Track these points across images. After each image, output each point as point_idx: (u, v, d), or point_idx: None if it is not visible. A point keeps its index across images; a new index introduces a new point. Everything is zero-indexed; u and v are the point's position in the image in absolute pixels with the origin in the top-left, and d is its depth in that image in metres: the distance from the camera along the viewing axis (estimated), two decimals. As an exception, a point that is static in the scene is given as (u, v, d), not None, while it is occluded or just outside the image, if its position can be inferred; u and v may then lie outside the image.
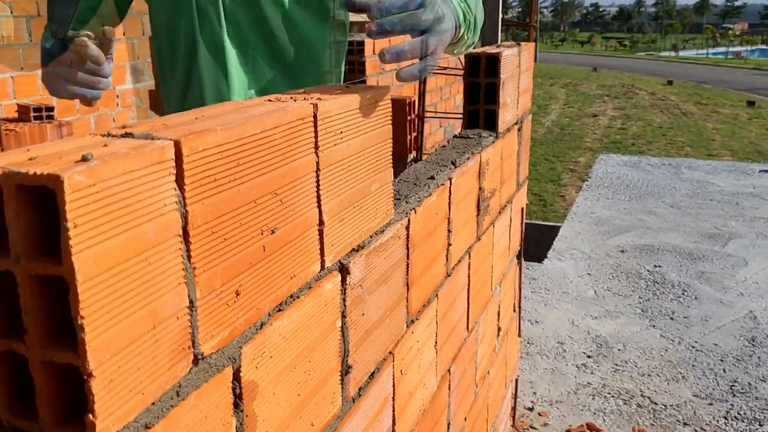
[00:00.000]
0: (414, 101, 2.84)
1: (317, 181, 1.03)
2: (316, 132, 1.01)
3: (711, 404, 3.18)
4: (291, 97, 1.06)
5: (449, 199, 1.73)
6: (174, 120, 0.85)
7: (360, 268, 1.21)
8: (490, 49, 2.19)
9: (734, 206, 6.17)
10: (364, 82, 4.95)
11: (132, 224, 0.67)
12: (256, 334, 0.90)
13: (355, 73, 4.98)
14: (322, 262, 1.06)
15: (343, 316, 1.16)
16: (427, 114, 3.96)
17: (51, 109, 5.27)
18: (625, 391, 3.27)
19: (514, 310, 2.80)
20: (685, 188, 6.70)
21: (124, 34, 7.32)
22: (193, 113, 0.90)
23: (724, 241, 5.31)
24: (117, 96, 7.25)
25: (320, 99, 1.05)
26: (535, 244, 5.85)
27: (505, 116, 2.27)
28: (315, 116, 1.01)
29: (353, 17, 1.99)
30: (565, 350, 3.66)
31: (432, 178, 1.63)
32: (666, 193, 6.52)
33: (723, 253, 5.04)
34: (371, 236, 1.25)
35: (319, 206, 1.04)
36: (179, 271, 0.75)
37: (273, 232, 0.91)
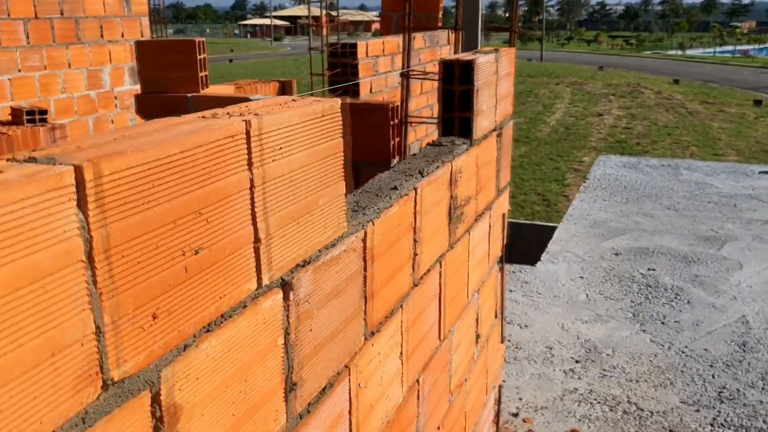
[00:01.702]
0: (396, 106, 2.82)
1: (252, 199, 1.01)
2: (249, 149, 0.99)
3: (698, 411, 3.15)
4: (227, 113, 1.05)
5: (415, 208, 1.72)
6: (91, 141, 0.83)
7: (307, 284, 1.19)
8: (464, 56, 2.17)
9: (732, 208, 6.13)
10: (356, 84, 4.94)
11: (24, 253, 0.66)
12: (179, 356, 0.89)
13: (347, 76, 4.97)
14: (259, 279, 1.05)
15: (287, 333, 1.15)
16: (411, 119, 3.94)
17: (44, 112, 5.27)
18: (611, 397, 3.25)
19: (496, 316, 2.78)
20: (683, 190, 6.66)
21: (123, 36, 7.34)
22: (119, 132, 0.88)
23: (720, 243, 5.27)
24: (115, 97, 7.27)
25: (257, 115, 1.04)
26: (536, 245, 5.83)
27: (482, 123, 2.25)
28: (248, 133, 0.99)
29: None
30: (553, 355, 3.64)
31: (395, 188, 1.61)
32: (664, 195, 6.48)
33: (718, 256, 5.01)
34: (320, 251, 1.23)
35: (255, 223, 1.02)
36: (83, 297, 0.73)
37: (197, 252, 0.90)
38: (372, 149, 2.89)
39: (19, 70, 6.44)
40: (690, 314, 4.11)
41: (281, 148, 1.08)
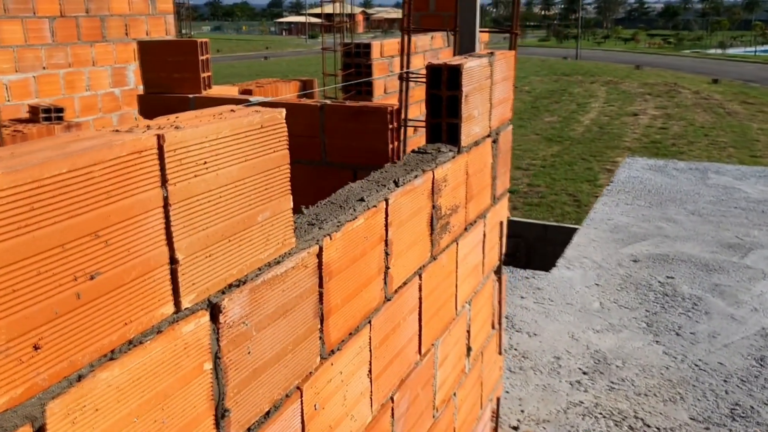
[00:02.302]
0: (395, 109, 2.75)
1: (167, 217, 0.95)
2: (162, 164, 0.94)
3: (707, 429, 3.04)
4: (147, 125, 0.99)
5: (386, 220, 1.65)
6: (-28, 158, 0.78)
7: (241, 305, 1.13)
8: (453, 60, 2.10)
9: (759, 214, 5.94)
10: (370, 84, 4.87)
11: None
12: (71, 387, 0.83)
13: (361, 76, 4.91)
14: (177, 302, 0.99)
15: (217, 357, 1.09)
16: (411, 123, 3.87)
17: (60, 110, 5.30)
18: (618, 412, 3.14)
19: (493, 327, 2.70)
20: (709, 194, 6.48)
21: (147, 34, 7.37)
22: (9, 149, 0.83)
23: (744, 251, 5.11)
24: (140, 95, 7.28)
25: (177, 128, 0.98)
26: (561, 247, 5.70)
27: (472, 129, 2.17)
28: (161, 147, 0.93)
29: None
30: (560, 366, 3.54)
31: (361, 200, 1.55)
32: (689, 200, 6.32)
33: (741, 265, 4.85)
34: (260, 269, 1.17)
35: (171, 244, 0.96)
36: (-62, 331, 0.68)
37: (92, 277, 0.84)
38: (370, 153, 2.83)
39: (44, 68, 6.49)
40: (707, 325, 3.97)
41: (206, 162, 1.02)
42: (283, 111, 1.20)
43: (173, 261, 0.97)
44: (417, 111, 5.31)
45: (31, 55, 6.32)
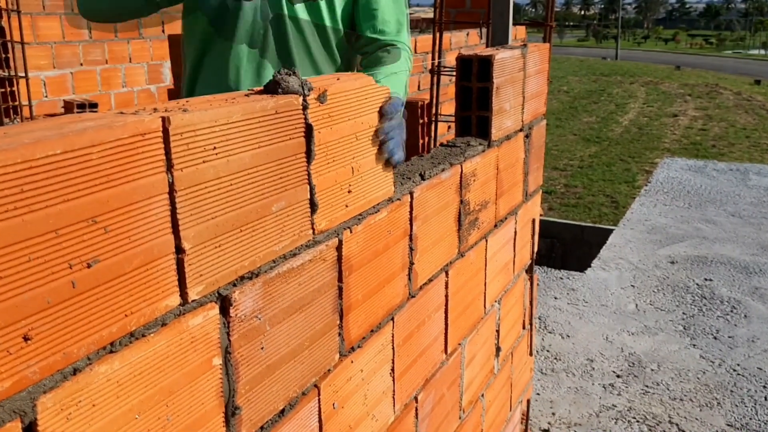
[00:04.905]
0: (425, 104, 2.69)
1: (172, 204, 0.91)
2: (168, 149, 0.89)
3: (746, 436, 2.93)
4: (155, 108, 0.95)
5: (411, 214, 1.59)
6: (-38, 138, 0.74)
7: (254, 298, 1.08)
8: (483, 51, 2.03)
9: (803, 216, 5.76)
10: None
11: None
12: (65, 381, 0.79)
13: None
14: (184, 294, 0.94)
15: (228, 352, 1.04)
16: (442, 119, 3.80)
17: (94, 105, 5.32)
18: (651, 416, 3.05)
19: (524, 328, 2.63)
20: (750, 196, 6.30)
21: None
22: (1, 129, 0.79)
23: (787, 254, 4.95)
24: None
25: (185, 111, 0.93)
26: (597, 249, 5.59)
27: (503, 123, 2.10)
28: (166, 131, 0.88)
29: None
30: (593, 368, 3.45)
31: (384, 192, 1.49)
32: (729, 201, 6.15)
33: (783, 268, 4.70)
34: (274, 261, 1.12)
35: (176, 232, 0.92)
36: None
37: (89, 265, 0.80)
38: (399, 148, 2.77)
39: (81, 64, 6.53)
40: (746, 329, 3.85)
41: (215, 147, 0.97)
42: (300, 97, 1.14)
43: (179, 250, 0.93)
44: (451, 108, 5.24)
45: (68, 51, 6.37)
